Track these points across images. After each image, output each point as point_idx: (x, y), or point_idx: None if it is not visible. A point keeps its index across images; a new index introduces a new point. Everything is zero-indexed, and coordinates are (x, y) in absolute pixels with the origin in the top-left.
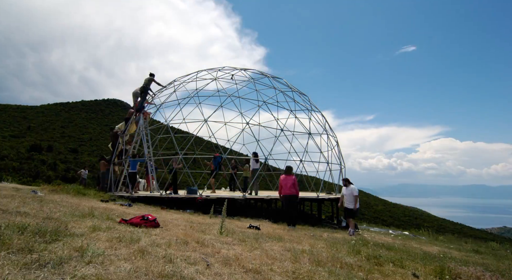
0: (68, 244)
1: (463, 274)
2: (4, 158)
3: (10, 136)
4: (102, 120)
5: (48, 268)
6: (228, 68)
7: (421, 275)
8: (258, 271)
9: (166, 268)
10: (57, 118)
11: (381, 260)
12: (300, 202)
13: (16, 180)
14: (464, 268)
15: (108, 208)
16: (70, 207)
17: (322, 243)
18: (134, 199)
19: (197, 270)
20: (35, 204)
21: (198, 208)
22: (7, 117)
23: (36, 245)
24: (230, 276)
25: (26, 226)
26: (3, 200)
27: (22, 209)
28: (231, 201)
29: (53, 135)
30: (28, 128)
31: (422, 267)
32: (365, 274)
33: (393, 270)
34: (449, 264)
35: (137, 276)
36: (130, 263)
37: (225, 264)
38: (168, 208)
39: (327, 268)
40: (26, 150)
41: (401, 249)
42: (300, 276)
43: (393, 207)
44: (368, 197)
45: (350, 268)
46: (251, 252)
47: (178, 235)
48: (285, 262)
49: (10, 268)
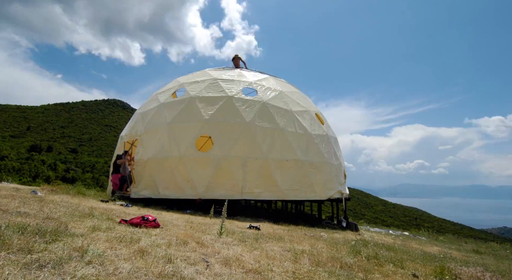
0: (68, 244)
1: (463, 274)
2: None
3: (10, 136)
4: (102, 120)
5: (48, 268)
6: (228, 68)
7: (421, 275)
8: (258, 271)
9: (166, 268)
10: (57, 118)
11: (381, 260)
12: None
13: (16, 180)
14: (464, 268)
15: (108, 208)
16: (70, 207)
17: (322, 243)
18: (134, 200)
19: (197, 270)
20: (35, 204)
21: (198, 208)
22: (7, 117)
23: (36, 245)
24: (230, 276)
25: (26, 226)
26: (3, 200)
27: (22, 209)
28: (231, 202)
29: (53, 135)
30: (28, 128)
31: (422, 267)
32: (365, 275)
33: (393, 271)
34: (449, 264)
35: (137, 276)
36: (130, 263)
37: (225, 264)
38: (168, 208)
39: (327, 268)
40: (26, 150)
41: (401, 250)
42: (300, 276)
43: (393, 207)
44: (368, 197)
45: (350, 268)
46: (251, 252)
47: (178, 235)
48: (285, 262)
49: (10, 268)
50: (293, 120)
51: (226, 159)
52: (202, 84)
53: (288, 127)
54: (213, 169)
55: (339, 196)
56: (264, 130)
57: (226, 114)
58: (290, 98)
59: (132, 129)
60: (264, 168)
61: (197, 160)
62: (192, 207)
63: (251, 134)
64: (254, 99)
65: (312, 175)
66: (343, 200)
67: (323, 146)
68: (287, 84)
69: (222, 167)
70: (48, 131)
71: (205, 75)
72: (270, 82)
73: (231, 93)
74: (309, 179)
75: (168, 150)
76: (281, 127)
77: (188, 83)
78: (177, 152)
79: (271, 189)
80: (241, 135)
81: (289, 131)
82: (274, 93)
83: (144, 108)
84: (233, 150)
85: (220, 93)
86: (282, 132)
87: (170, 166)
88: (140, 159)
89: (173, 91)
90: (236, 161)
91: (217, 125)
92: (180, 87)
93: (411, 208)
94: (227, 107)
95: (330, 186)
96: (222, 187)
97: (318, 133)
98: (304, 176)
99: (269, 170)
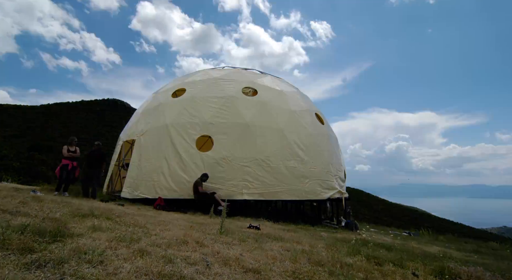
0: (68, 244)
1: (463, 274)
2: (4, 158)
3: (10, 136)
4: (102, 120)
5: (48, 268)
6: (228, 68)
7: (421, 275)
8: (258, 271)
9: (166, 268)
10: (57, 118)
11: (381, 260)
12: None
13: (16, 180)
14: (464, 268)
15: (108, 208)
16: (70, 207)
17: (322, 243)
18: (134, 200)
19: (197, 270)
20: (35, 204)
21: (198, 208)
22: (7, 117)
23: (36, 245)
24: (230, 276)
25: (26, 226)
26: (3, 200)
27: (22, 209)
28: (231, 201)
29: (53, 135)
30: (28, 128)
31: (422, 267)
32: (365, 274)
33: (393, 270)
34: (449, 264)
35: (137, 276)
36: (130, 263)
37: (225, 264)
38: (168, 208)
39: (327, 268)
40: (26, 150)
41: (401, 249)
42: (300, 276)
43: (393, 207)
44: (368, 197)
45: (350, 268)
46: (251, 252)
47: (178, 235)
48: (285, 262)
49: (10, 268)
50: (293, 120)
51: (226, 159)
52: (202, 84)
53: (288, 127)
54: (213, 169)
55: (339, 196)
56: (264, 130)
57: (226, 114)
58: (290, 98)
59: (132, 129)
60: (264, 168)
61: (197, 160)
62: (192, 207)
63: (251, 134)
64: (254, 99)
65: (312, 174)
66: (343, 199)
67: (323, 146)
68: (287, 83)
69: (222, 167)
70: (48, 131)
71: (205, 75)
72: (270, 82)
73: (231, 93)
74: (309, 179)
75: (167, 150)
76: (281, 127)
77: (188, 83)
78: (177, 152)
79: (271, 189)
80: (241, 135)
81: (289, 131)
82: (274, 93)
83: (143, 108)
84: (233, 149)
85: (220, 93)
86: (282, 132)
87: (170, 165)
88: (139, 159)
89: (173, 91)
90: (236, 160)
91: (217, 125)
92: (180, 87)
93: (411, 208)
94: (227, 107)
95: (330, 186)
96: (222, 187)
97: (318, 133)
98: (304, 176)
99: (269, 169)
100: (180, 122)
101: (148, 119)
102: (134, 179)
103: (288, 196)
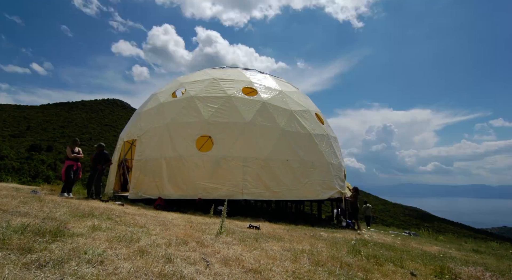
0: (68, 244)
1: (463, 274)
2: (4, 157)
3: (10, 136)
4: (102, 120)
5: (48, 268)
6: (228, 68)
7: (421, 274)
8: (258, 271)
9: (166, 268)
10: (57, 118)
11: (380, 259)
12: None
13: (16, 180)
14: (464, 268)
15: (108, 208)
16: (70, 207)
17: (322, 243)
18: (134, 200)
19: (197, 270)
20: (35, 204)
21: (198, 208)
22: (7, 117)
23: (36, 245)
24: (230, 276)
25: (26, 226)
26: (3, 200)
27: (22, 209)
28: (231, 201)
29: (53, 135)
30: (28, 128)
31: (422, 266)
32: (365, 274)
33: (393, 270)
34: (449, 263)
35: (137, 276)
36: (130, 263)
37: (225, 264)
38: (168, 208)
39: (327, 268)
40: (26, 150)
41: (400, 249)
42: (300, 276)
43: (393, 207)
44: (368, 197)
45: (350, 268)
46: (251, 252)
47: (178, 235)
48: (285, 262)
49: (10, 268)
50: (293, 120)
51: (226, 159)
52: (202, 84)
53: (288, 127)
54: (213, 169)
55: (339, 196)
56: (264, 130)
57: (226, 114)
58: (290, 98)
59: (132, 129)
60: (264, 168)
61: (197, 160)
62: (192, 207)
63: (251, 134)
64: (254, 99)
65: (312, 174)
66: (342, 199)
67: (323, 146)
68: (287, 84)
69: (222, 167)
70: (48, 131)
71: (205, 75)
72: (270, 82)
73: (231, 93)
74: (309, 179)
75: (168, 150)
76: (281, 127)
77: (188, 83)
78: (177, 152)
79: (271, 189)
80: (241, 135)
81: (289, 131)
82: (274, 93)
83: (144, 108)
84: (233, 149)
85: (220, 93)
86: (282, 132)
87: (170, 165)
88: (139, 159)
89: (173, 91)
90: (236, 160)
91: (217, 125)
92: (180, 87)
93: (411, 207)
94: (227, 107)
95: (330, 186)
96: (222, 187)
97: (318, 133)
98: (304, 176)
99: (269, 169)
100: (180, 122)
101: (148, 119)
102: (137, 179)
103: (288, 196)
